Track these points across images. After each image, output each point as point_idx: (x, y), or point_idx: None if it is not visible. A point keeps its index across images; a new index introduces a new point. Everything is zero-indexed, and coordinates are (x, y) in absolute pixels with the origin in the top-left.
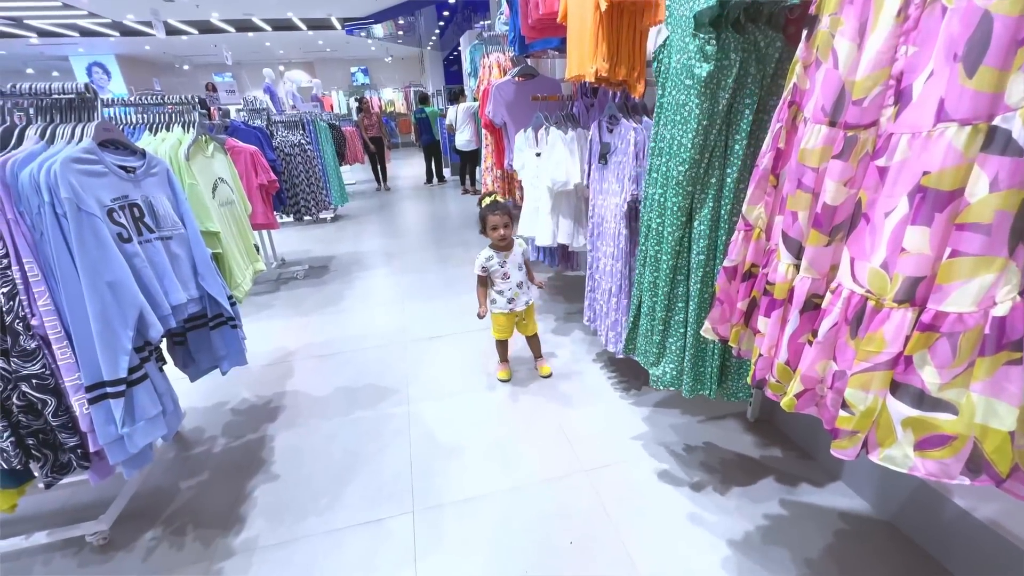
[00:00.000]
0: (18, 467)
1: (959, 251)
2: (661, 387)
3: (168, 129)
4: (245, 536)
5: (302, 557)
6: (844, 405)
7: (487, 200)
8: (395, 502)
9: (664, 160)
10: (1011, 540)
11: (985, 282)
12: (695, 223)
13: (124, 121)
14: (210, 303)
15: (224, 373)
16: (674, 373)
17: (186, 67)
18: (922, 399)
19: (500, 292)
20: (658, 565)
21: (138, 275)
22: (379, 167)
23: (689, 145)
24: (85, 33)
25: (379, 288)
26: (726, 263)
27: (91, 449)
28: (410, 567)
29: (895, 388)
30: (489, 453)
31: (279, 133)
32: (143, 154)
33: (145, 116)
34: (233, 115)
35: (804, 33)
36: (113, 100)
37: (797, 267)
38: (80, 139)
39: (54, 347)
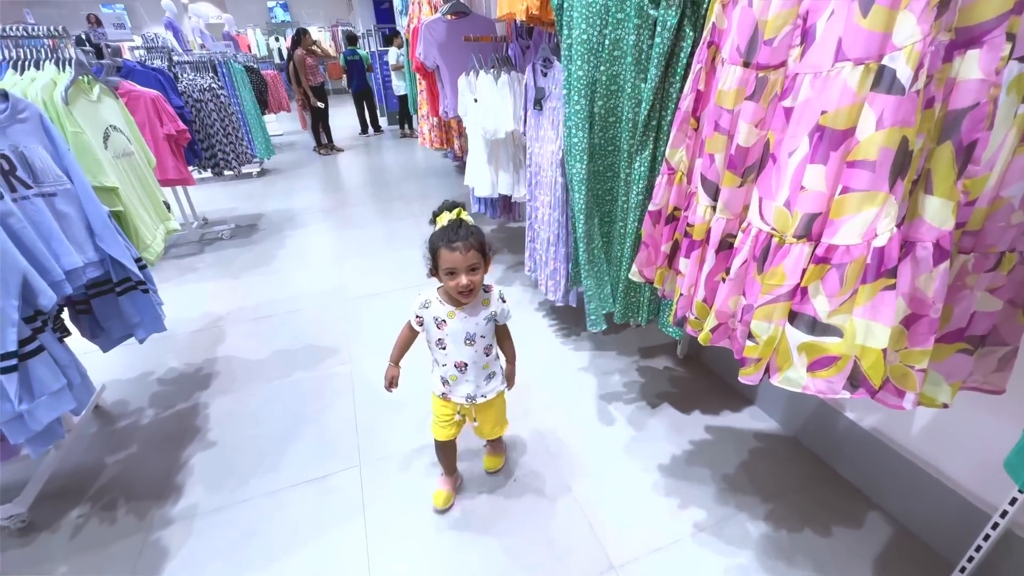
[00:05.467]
0: None
1: (849, 187)
2: (594, 324)
3: (38, 67)
4: (183, 504)
5: (245, 519)
6: (750, 336)
7: (444, 217)
8: (340, 458)
9: (607, 102)
10: (886, 442)
11: (869, 216)
12: (635, 164)
13: None
14: (114, 267)
15: (141, 342)
16: (610, 302)
17: None
18: (814, 325)
19: (436, 361)
20: (595, 492)
21: (16, 237)
22: (324, 124)
23: (650, 87)
24: None
25: (314, 246)
26: (651, 207)
27: None
28: (359, 517)
29: (792, 317)
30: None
31: (185, 76)
32: (5, 96)
33: (18, 51)
34: (126, 54)
35: None
36: None
37: (714, 208)
38: None
39: None
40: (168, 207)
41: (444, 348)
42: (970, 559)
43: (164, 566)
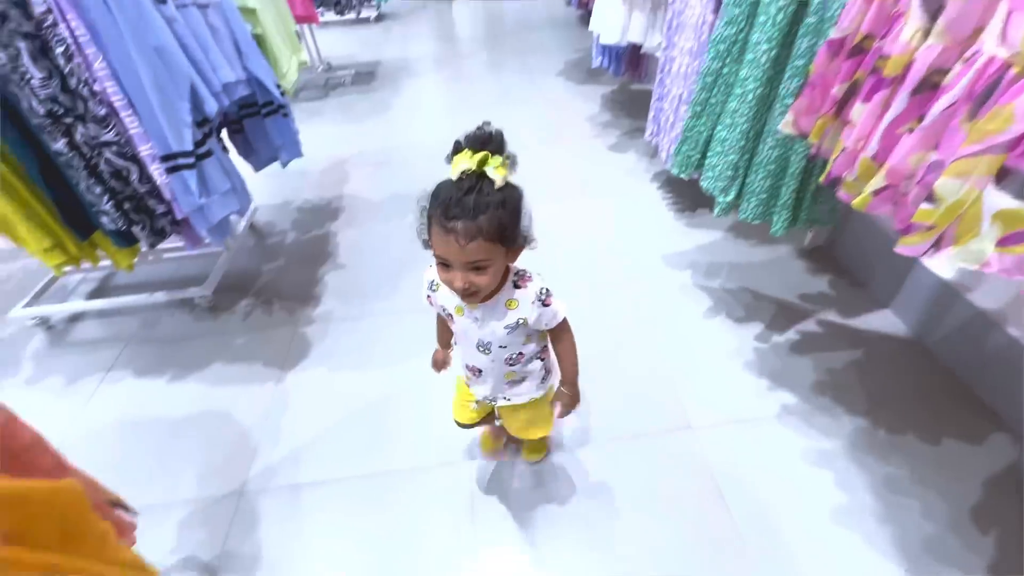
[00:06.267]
0: (123, 228)
1: None
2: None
3: None
4: (321, 310)
5: (368, 329)
6: (929, 198)
7: (461, 160)
8: None
9: None
10: None
11: None
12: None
13: None
14: (259, 89)
15: (284, 165)
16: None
17: None
18: None
19: (456, 343)
20: (684, 360)
21: (182, 44)
22: None
23: None
24: None
25: (428, 97)
26: (833, 34)
27: (178, 216)
28: None
29: (1002, 176)
30: (536, 257)
31: None
32: None
33: None
34: None
35: None
36: None
37: (927, 33)
38: None
39: (121, 115)
40: (300, 38)
41: (457, 343)
42: None
43: (310, 352)
